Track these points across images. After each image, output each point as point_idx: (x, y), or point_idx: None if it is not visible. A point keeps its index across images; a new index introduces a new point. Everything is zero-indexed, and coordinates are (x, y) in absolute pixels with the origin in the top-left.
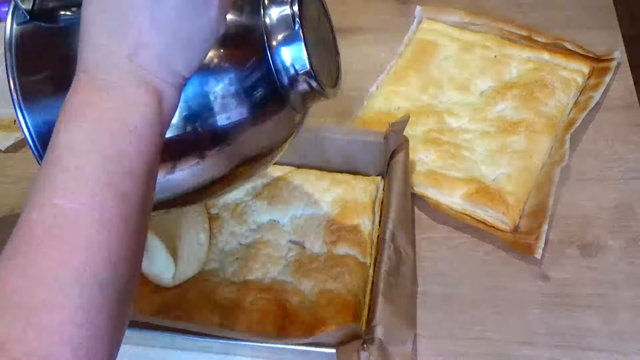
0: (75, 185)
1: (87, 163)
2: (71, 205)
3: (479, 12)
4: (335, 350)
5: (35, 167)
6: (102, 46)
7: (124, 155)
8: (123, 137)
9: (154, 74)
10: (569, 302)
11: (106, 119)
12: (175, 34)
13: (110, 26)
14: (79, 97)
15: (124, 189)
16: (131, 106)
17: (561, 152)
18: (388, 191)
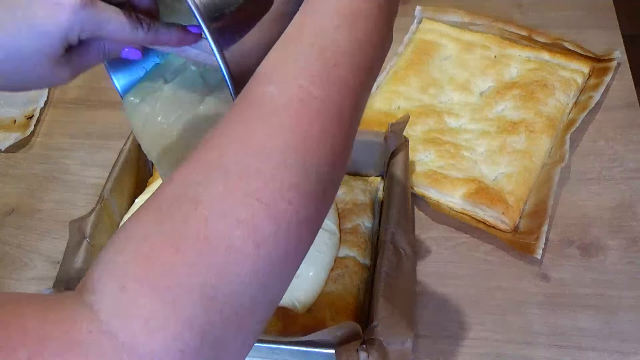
0: (328, 78)
1: (345, 65)
2: (316, 92)
3: (479, 12)
4: (334, 350)
5: (35, 168)
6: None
7: (370, 70)
8: (378, 54)
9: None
10: (569, 302)
11: (372, 33)
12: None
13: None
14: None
15: (359, 99)
16: (388, 27)
17: (561, 152)
18: (388, 192)
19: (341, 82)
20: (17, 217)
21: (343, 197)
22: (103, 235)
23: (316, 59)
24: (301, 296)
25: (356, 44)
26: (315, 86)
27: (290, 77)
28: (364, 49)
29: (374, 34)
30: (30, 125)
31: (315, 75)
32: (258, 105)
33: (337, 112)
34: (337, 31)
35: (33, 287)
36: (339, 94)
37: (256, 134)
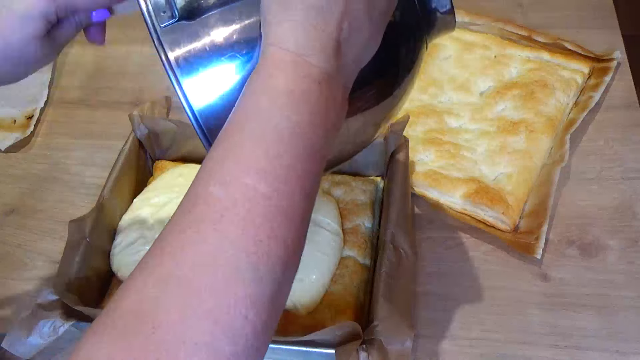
0: (274, 170)
1: (289, 154)
2: (264, 189)
3: (479, 12)
4: (334, 350)
5: (35, 168)
6: (311, 25)
7: (317, 154)
8: (324, 134)
9: (349, 66)
10: (569, 302)
11: (315, 112)
12: (378, 22)
13: (324, 2)
14: (289, 80)
15: (309, 186)
16: (334, 103)
17: (561, 152)
18: (388, 192)
19: (287, 173)
20: (17, 217)
21: (343, 197)
22: (103, 235)
23: (258, 150)
24: (303, 299)
25: (298, 128)
26: (261, 182)
27: (234, 175)
28: (308, 133)
29: (318, 115)
30: (30, 125)
31: (260, 169)
32: (205, 208)
33: (287, 207)
34: (277, 116)
35: (33, 287)
36: (286, 186)
37: (206, 243)
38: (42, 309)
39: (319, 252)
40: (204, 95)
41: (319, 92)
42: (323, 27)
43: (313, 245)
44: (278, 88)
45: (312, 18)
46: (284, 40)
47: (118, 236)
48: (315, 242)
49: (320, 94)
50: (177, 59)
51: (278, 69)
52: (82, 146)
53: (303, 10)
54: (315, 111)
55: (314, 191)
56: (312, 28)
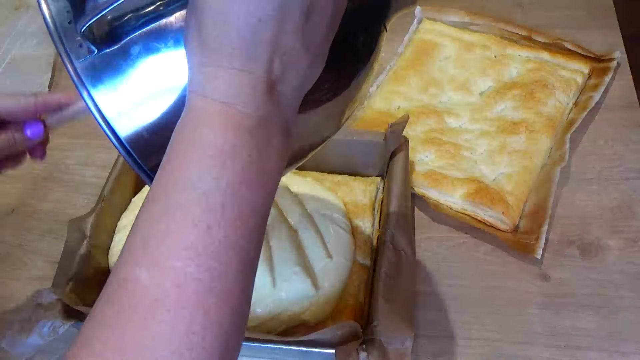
0: (204, 248)
1: (220, 222)
2: (195, 271)
3: (479, 12)
4: (334, 350)
5: (35, 168)
6: (237, 69)
7: (255, 213)
8: (260, 190)
9: (288, 103)
10: (569, 302)
11: (248, 168)
12: (317, 53)
13: (250, 43)
14: (215, 135)
15: (248, 253)
16: (271, 151)
17: (561, 152)
18: (388, 192)
19: (219, 247)
20: (17, 217)
21: (343, 198)
22: (103, 235)
23: (185, 224)
24: (318, 311)
25: (230, 190)
26: (190, 263)
27: (160, 256)
28: (242, 193)
29: (253, 169)
30: None
31: (188, 247)
32: (129, 298)
33: (221, 286)
34: (205, 182)
35: (33, 287)
36: (220, 263)
37: (133, 343)
38: (42, 309)
39: (343, 258)
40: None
41: (252, 142)
42: (251, 69)
43: (343, 254)
44: (204, 147)
45: (236, 62)
46: (208, 89)
47: (117, 236)
48: (340, 248)
49: (254, 144)
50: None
51: (203, 122)
52: (82, 146)
53: (226, 54)
54: (249, 166)
55: (256, 254)
56: (239, 72)
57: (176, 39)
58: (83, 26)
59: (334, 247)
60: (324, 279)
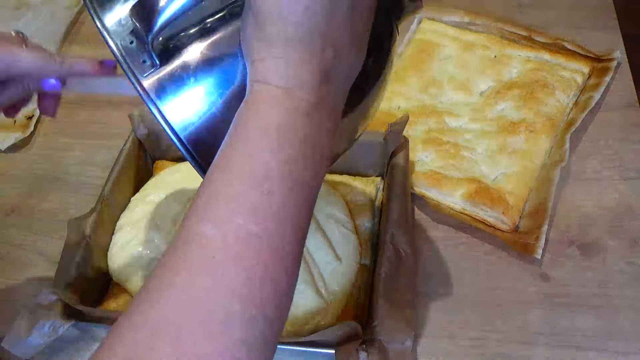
0: (264, 209)
1: (279, 190)
2: (255, 229)
3: (479, 12)
4: (334, 350)
5: (35, 168)
6: (296, 59)
7: (308, 185)
8: (314, 166)
9: (339, 90)
10: (569, 302)
11: (304, 146)
12: (361, 42)
13: (306, 35)
14: (276, 116)
15: (300, 221)
16: (324, 133)
17: (561, 152)
18: (388, 192)
19: (278, 210)
20: (17, 217)
21: (343, 198)
22: (103, 235)
23: (248, 188)
24: (328, 316)
25: (287, 164)
26: (252, 221)
27: (225, 214)
28: (297, 167)
29: (307, 147)
30: (30, 125)
31: (250, 208)
32: (196, 248)
33: (278, 245)
34: (266, 153)
35: (33, 287)
36: (277, 225)
37: (196, 287)
38: (42, 309)
39: (353, 261)
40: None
41: (308, 124)
42: (307, 58)
43: (350, 255)
44: (266, 124)
45: (293, 51)
46: (269, 77)
47: (115, 235)
48: (347, 250)
49: (309, 126)
50: (167, 107)
51: (265, 104)
52: (82, 146)
53: (284, 45)
54: (304, 144)
55: (306, 224)
56: (296, 61)
57: (229, 46)
58: (151, 40)
59: (342, 249)
60: (334, 283)
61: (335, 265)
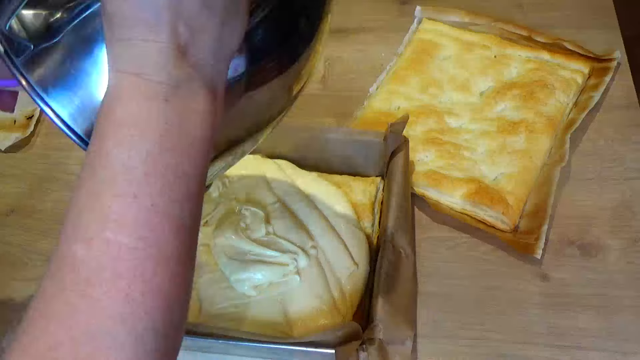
0: (133, 217)
1: (146, 190)
2: (127, 241)
3: (479, 12)
4: (334, 350)
5: (35, 168)
6: (142, 40)
7: (184, 178)
8: (185, 155)
9: (209, 66)
10: (569, 302)
11: (167, 135)
12: (226, 7)
13: (148, 13)
14: (129, 107)
15: (182, 219)
16: (193, 115)
17: (561, 152)
18: (388, 192)
19: (149, 215)
20: (17, 217)
21: None
22: None
23: (112, 196)
24: (343, 321)
25: (150, 158)
26: (122, 233)
27: (93, 229)
28: (163, 161)
29: (173, 136)
30: (30, 125)
31: (118, 219)
32: (69, 272)
33: (157, 252)
34: (124, 153)
35: (33, 287)
36: (151, 230)
37: (78, 314)
38: None
39: (367, 264)
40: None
41: (168, 109)
42: (155, 38)
43: (364, 257)
44: (119, 120)
45: (140, 33)
46: (119, 63)
47: None
48: (362, 252)
49: (170, 111)
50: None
51: (118, 96)
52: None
53: (128, 27)
54: (168, 133)
55: (193, 218)
56: (145, 43)
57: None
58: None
59: (357, 252)
60: (353, 294)
61: (353, 270)
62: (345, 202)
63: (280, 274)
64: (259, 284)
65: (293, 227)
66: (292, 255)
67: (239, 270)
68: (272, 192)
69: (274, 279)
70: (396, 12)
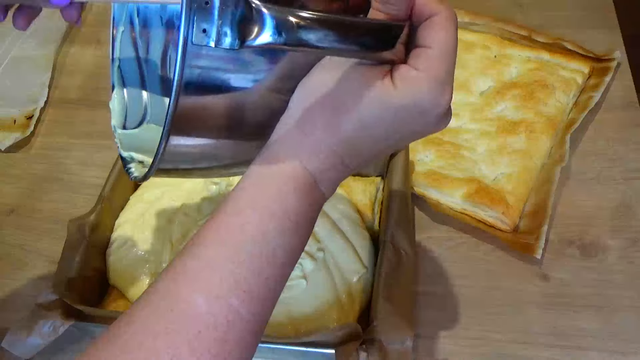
0: (258, 295)
1: (275, 277)
2: (245, 312)
3: (479, 12)
4: (334, 350)
5: (35, 168)
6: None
7: (293, 265)
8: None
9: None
10: (569, 302)
11: (307, 235)
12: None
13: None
14: (297, 205)
15: (276, 301)
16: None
17: (561, 152)
18: (388, 192)
19: (267, 296)
20: (17, 217)
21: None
22: (103, 235)
23: (252, 271)
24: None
25: (292, 252)
26: (244, 305)
27: (222, 291)
28: (296, 256)
29: (307, 236)
30: (30, 125)
31: (247, 290)
32: (181, 316)
33: (257, 331)
34: (279, 241)
35: (33, 287)
36: (263, 310)
37: (175, 358)
38: (42, 309)
39: (374, 265)
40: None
41: (316, 214)
42: (352, 166)
43: (372, 259)
44: (288, 211)
45: (348, 156)
46: (313, 161)
47: (114, 233)
48: (369, 253)
49: (316, 216)
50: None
51: (294, 187)
52: (82, 146)
53: (346, 145)
54: (309, 232)
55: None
56: (343, 165)
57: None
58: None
59: (365, 255)
60: (360, 293)
61: (363, 274)
62: (348, 201)
63: None
64: None
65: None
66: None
67: None
68: None
69: None
70: None
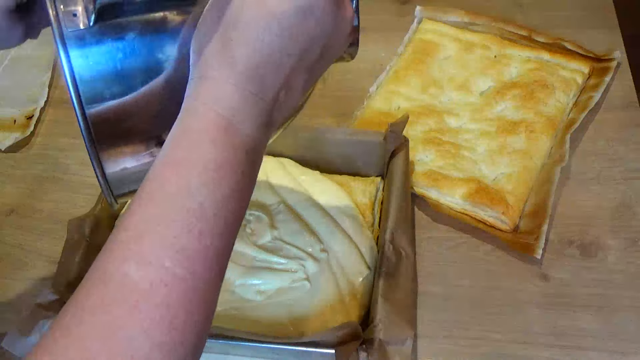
0: (194, 252)
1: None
2: (183, 272)
3: (479, 12)
4: (334, 350)
5: (35, 168)
6: (248, 92)
7: (239, 221)
8: (245, 200)
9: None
10: (569, 302)
11: (239, 183)
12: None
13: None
14: (216, 150)
15: (224, 263)
16: (256, 172)
17: (561, 152)
18: (388, 192)
19: (206, 253)
20: (17, 217)
21: None
22: (103, 234)
23: (180, 228)
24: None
25: (222, 202)
26: (180, 265)
27: (153, 255)
28: (230, 206)
29: (243, 186)
30: (30, 125)
31: (179, 249)
32: (117, 289)
33: (202, 290)
34: (203, 193)
35: (33, 287)
36: (204, 267)
37: (120, 330)
38: (42, 309)
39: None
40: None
41: (246, 162)
42: (262, 95)
43: (374, 258)
44: (206, 161)
45: (253, 86)
46: (220, 103)
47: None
48: (372, 253)
49: (247, 163)
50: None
51: (208, 136)
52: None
53: (246, 75)
54: (241, 182)
55: (226, 266)
56: (252, 95)
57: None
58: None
59: (369, 255)
60: (363, 294)
61: (367, 274)
62: (349, 201)
63: (289, 281)
64: (265, 290)
65: (299, 231)
66: (300, 262)
67: (245, 276)
68: (274, 192)
69: (281, 285)
70: (396, 12)
